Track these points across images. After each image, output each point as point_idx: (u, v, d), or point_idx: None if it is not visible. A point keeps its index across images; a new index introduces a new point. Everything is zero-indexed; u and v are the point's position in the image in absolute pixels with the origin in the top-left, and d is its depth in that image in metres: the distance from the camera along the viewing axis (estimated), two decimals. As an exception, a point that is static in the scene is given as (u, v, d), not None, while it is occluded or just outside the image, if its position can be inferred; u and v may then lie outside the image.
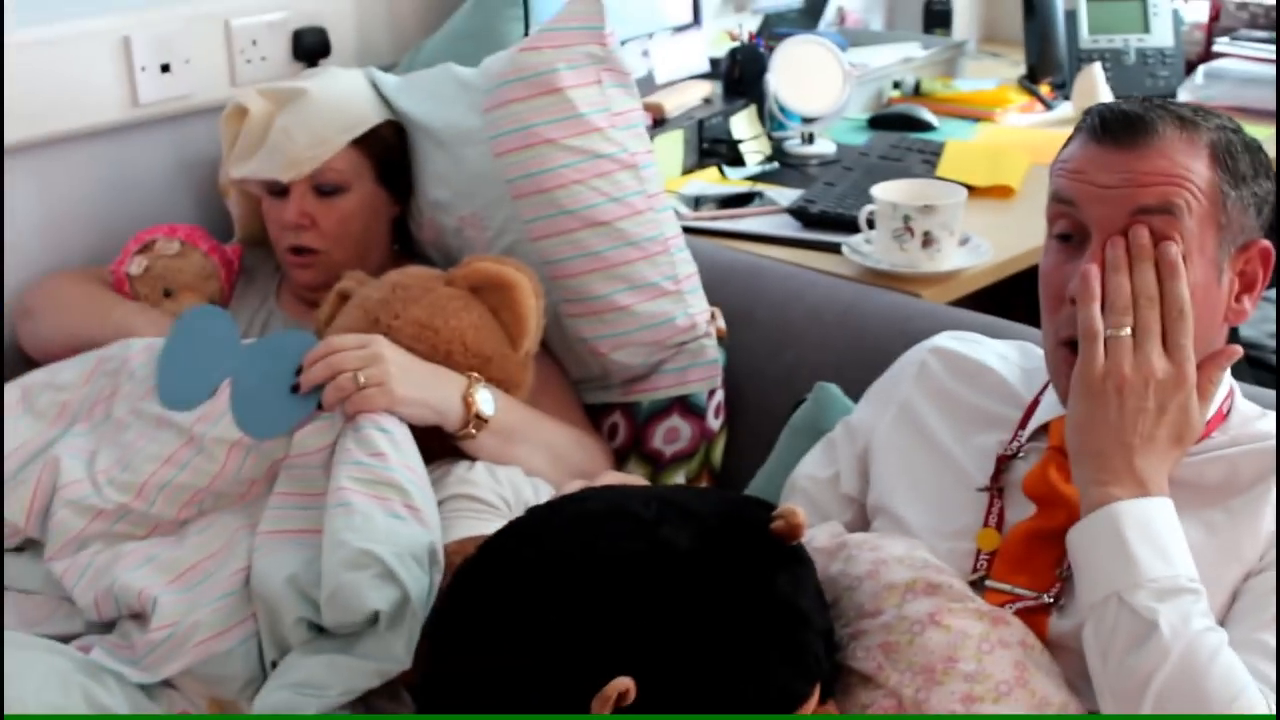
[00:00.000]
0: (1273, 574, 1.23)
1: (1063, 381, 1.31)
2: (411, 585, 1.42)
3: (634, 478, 1.60)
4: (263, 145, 1.90)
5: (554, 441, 1.77)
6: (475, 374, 1.69)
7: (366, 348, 1.61)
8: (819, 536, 1.35)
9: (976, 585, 1.32)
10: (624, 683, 1.05)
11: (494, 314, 1.73)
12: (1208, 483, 1.30)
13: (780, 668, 1.11)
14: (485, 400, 1.67)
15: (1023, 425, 1.41)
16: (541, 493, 1.67)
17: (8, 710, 1.38)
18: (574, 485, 1.43)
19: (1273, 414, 1.37)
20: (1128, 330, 1.23)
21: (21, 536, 1.65)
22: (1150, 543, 1.18)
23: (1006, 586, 1.31)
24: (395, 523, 1.48)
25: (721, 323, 1.94)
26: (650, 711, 1.07)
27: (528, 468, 1.71)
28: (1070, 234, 1.32)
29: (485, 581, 1.16)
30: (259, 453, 1.62)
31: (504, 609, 1.12)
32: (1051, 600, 1.29)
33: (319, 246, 1.91)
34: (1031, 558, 1.32)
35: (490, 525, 1.56)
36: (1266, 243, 1.30)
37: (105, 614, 1.56)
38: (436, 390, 1.65)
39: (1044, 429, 1.39)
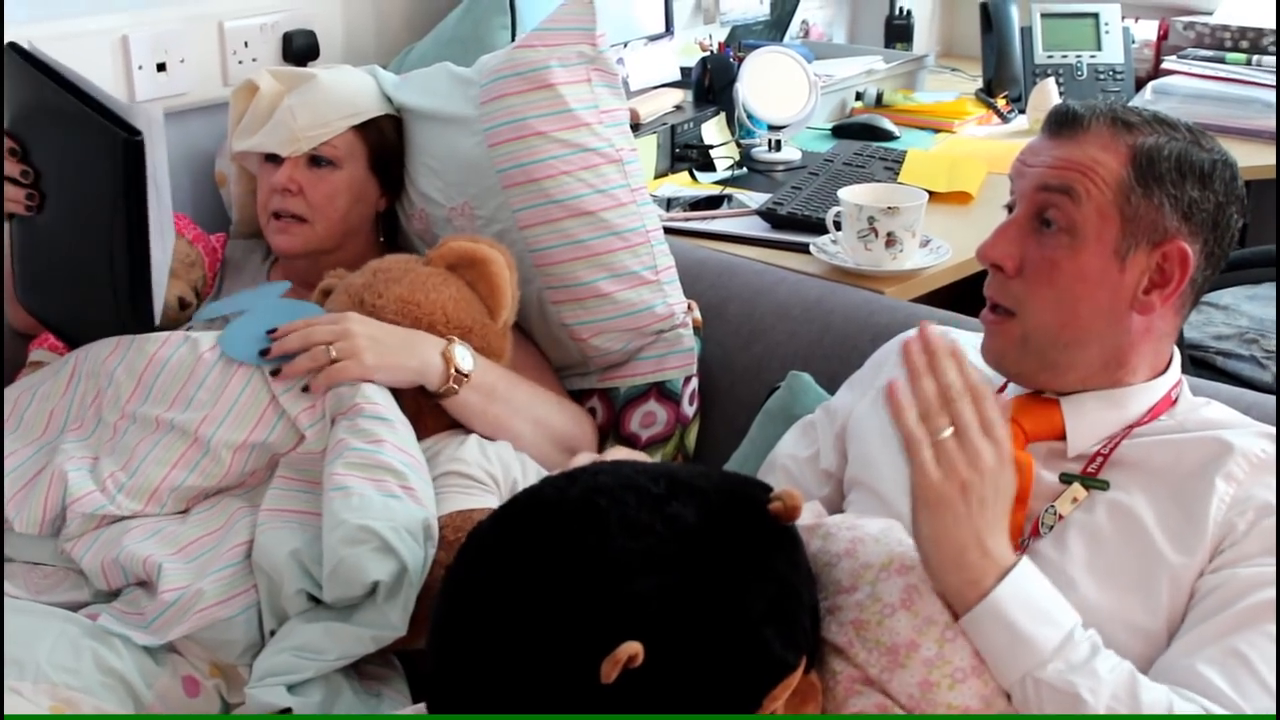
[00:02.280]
0: (1239, 576, 1.28)
1: (986, 339, 1.44)
2: (408, 557, 1.50)
3: (639, 454, 1.65)
4: (268, 122, 1.97)
5: (535, 403, 1.84)
6: (449, 336, 1.76)
7: (338, 323, 1.69)
8: (804, 515, 1.42)
9: None
10: (633, 646, 1.09)
11: (471, 288, 1.81)
12: (1154, 465, 1.38)
13: (775, 639, 1.16)
14: (464, 356, 1.74)
15: None
16: (529, 470, 1.74)
17: (10, 681, 1.44)
18: (583, 458, 1.49)
19: (1215, 404, 1.46)
20: (949, 430, 1.23)
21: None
22: (1035, 614, 1.22)
23: None
24: (391, 501, 1.56)
25: (698, 314, 2.03)
26: (656, 675, 1.11)
27: (511, 430, 1.78)
28: (1011, 206, 1.45)
29: (502, 547, 1.19)
30: (261, 450, 1.67)
31: (519, 574, 1.16)
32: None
33: (302, 214, 1.97)
34: None
35: (479, 500, 1.65)
36: (1183, 245, 1.37)
37: (113, 582, 1.61)
38: (413, 352, 1.72)
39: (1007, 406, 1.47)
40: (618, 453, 1.59)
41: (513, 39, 2.21)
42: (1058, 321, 1.39)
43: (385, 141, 2.03)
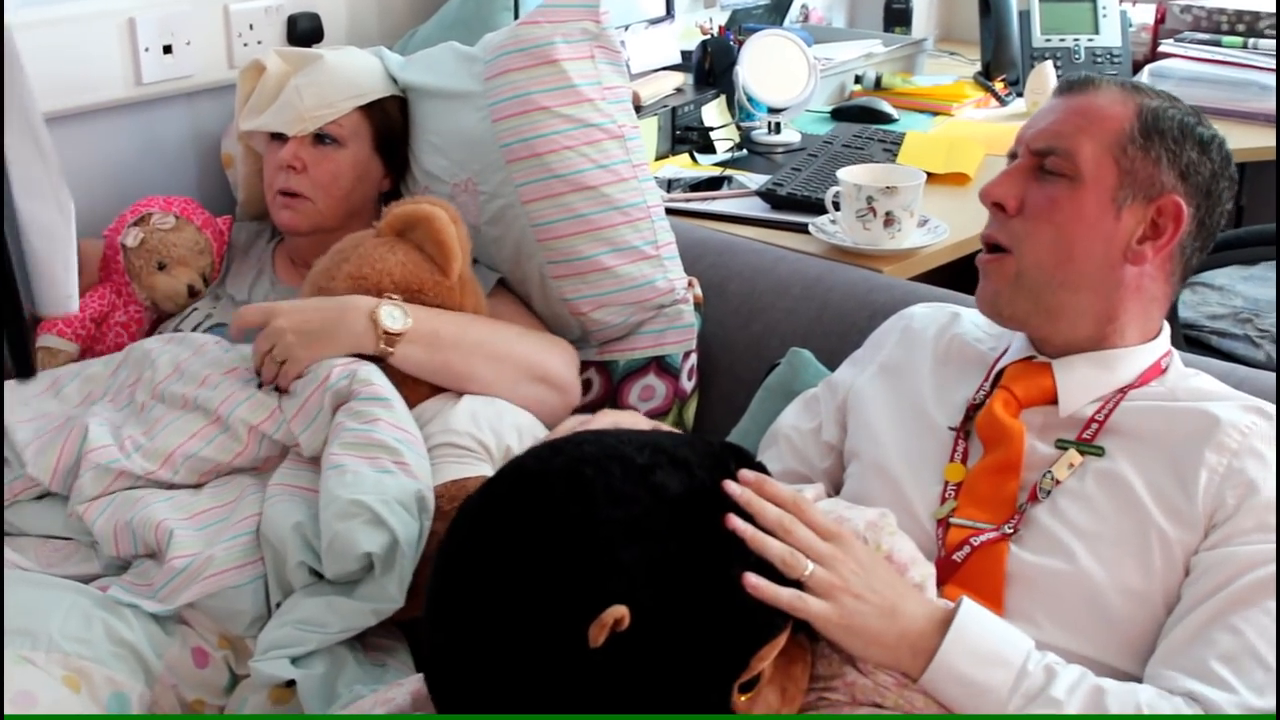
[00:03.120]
0: (1237, 554, 1.30)
1: (981, 282, 1.49)
2: (400, 529, 1.53)
3: (628, 414, 1.68)
4: (275, 102, 1.99)
5: (493, 339, 1.83)
6: (390, 294, 1.77)
7: (269, 326, 1.72)
8: (805, 492, 1.41)
9: (944, 523, 1.43)
10: (619, 610, 1.12)
11: (420, 249, 1.81)
12: (1147, 432, 1.41)
13: (762, 603, 1.19)
14: (390, 315, 1.74)
15: (987, 378, 1.52)
16: (524, 435, 1.76)
17: (10, 652, 1.46)
18: (571, 423, 1.51)
19: (1205, 375, 1.49)
20: (811, 565, 1.24)
21: (42, 490, 1.72)
22: (982, 659, 1.25)
23: (970, 523, 1.42)
24: (384, 476, 1.59)
25: (699, 290, 2.05)
26: (644, 639, 1.13)
27: (470, 374, 1.79)
28: (1014, 154, 1.49)
29: (490, 520, 1.21)
30: (278, 436, 1.72)
31: (507, 545, 1.17)
32: (1011, 531, 1.39)
33: (306, 192, 1.99)
34: (991, 493, 1.43)
35: (472, 469, 1.67)
36: (1178, 199, 1.42)
37: (123, 548, 1.64)
38: (339, 328, 1.73)
39: (1001, 374, 1.51)
40: (606, 417, 1.61)
41: (516, 19, 2.22)
42: (1052, 260, 1.43)
43: (390, 122, 2.05)
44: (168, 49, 2.18)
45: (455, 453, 1.70)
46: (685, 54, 2.92)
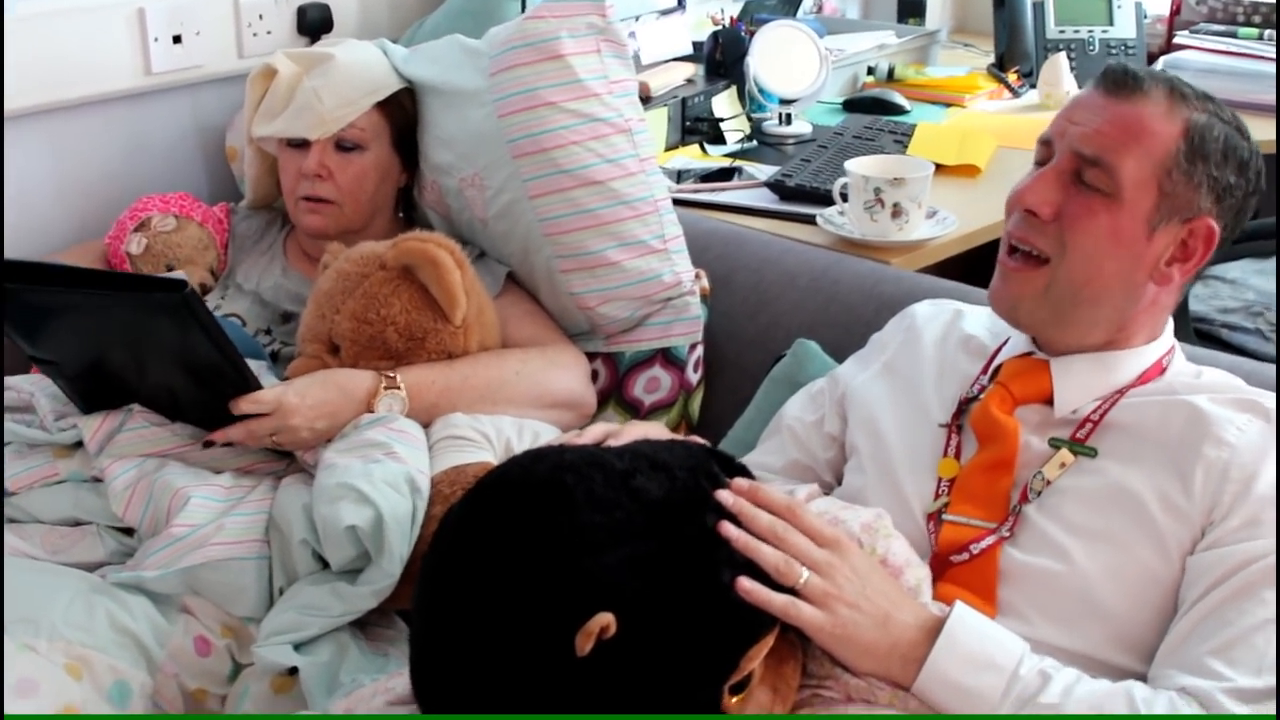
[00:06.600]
0: (1233, 553, 1.29)
1: (999, 284, 1.45)
2: (384, 504, 1.55)
3: (654, 427, 1.65)
4: (289, 105, 1.97)
5: (494, 386, 1.83)
6: (388, 374, 1.76)
7: (272, 416, 1.69)
8: (798, 493, 1.43)
9: (937, 518, 1.43)
10: (605, 618, 1.12)
11: (425, 291, 1.79)
12: (1141, 429, 1.39)
13: (744, 603, 1.19)
14: (386, 406, 1.75)
15: (984, 371, 1.52)
16: (524, 429, 1.78)
17: (12, 640, 1.47)
18: (596, 431, 1.50)
19: (1210, 371, 1.47)
20: (806, 572, 1.24)
21: (59, 477, 1.73)
22: (974, 665, 1.24)
23: (963, 519, 1.41)
24: (372, 465, 1.61)
25: (705, 282, 2.05)
26: (632, 644, 1.13)
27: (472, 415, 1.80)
28: (1043, 160, 1.45)
29: (473, 528, 1.22)
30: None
31: (491, 554, 1.18)
32: (1008, 534, 1.38)
33: (332, 198, 1.98)
34: (984, 489, 1.42)
35: (472, 456, 1.70)
36: (1211, 223, 1.39)
37: (132, 511, 1.66)
38: (341, 417, 1.73)
39: (998, 370, 1.49)
40: (635, 429, 1.55)
41: (522, 11, 2.22)
42: (1084, 275, 1.40)
43: (406, 116, 2.05)
44: (177, 39, 2.19)
45: (456, 443, 1.73)
46: (696, 45, 2.92)
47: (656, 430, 1.59)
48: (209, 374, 1.65)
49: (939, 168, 2.29)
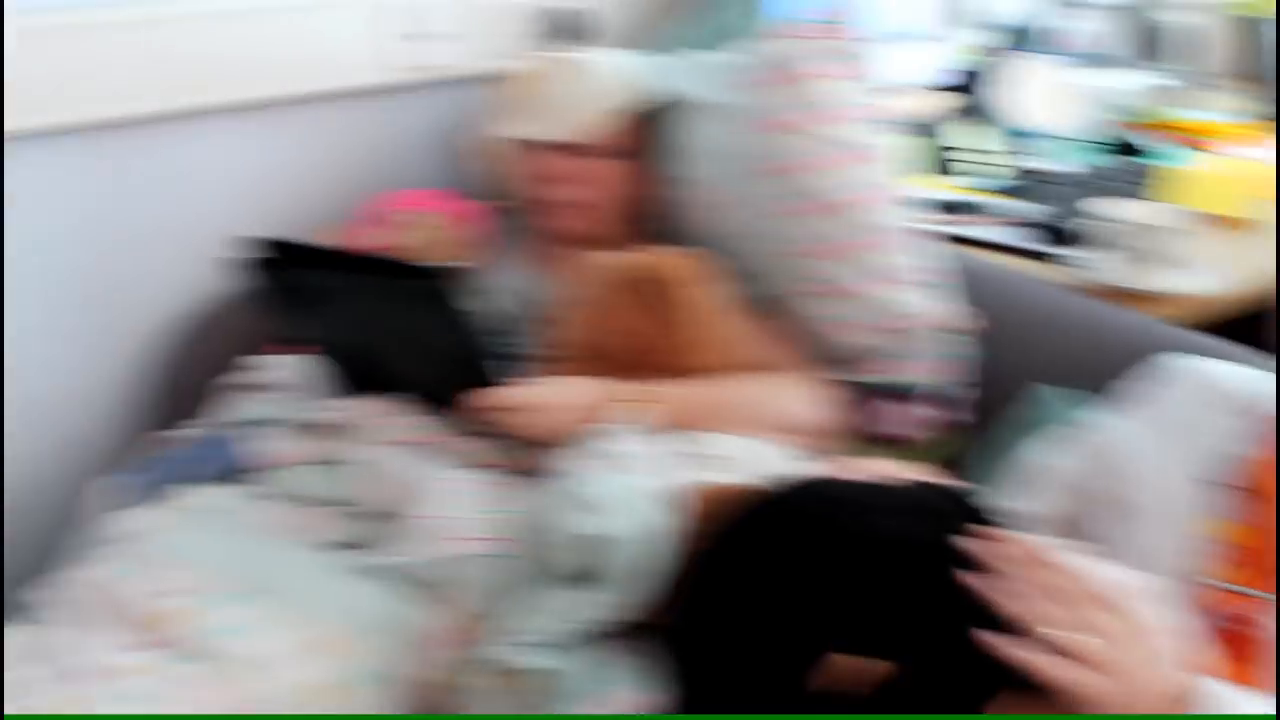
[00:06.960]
0: None
1: None
2: (633, 518, 1.50)
3: (906, 465, 1.57)
4: (542, 108, 2.00)
5: (733, 403, 1.81)
6: (632, 386, 1.75)
7: (520, 414, 1.72)
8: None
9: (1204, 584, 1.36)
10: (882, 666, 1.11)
11: (664, 307, 1.79)
12: None
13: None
14: (631, 418, 1.72)
15: (1260, 429, 1.44)
16: (768, 453, 1.73)
17: (256, 612, 1.50)
18: (835, 464, 1.48)
19: None
20: (1051, 628, 1.14)
21: (315, 457, 1.77)
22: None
23: (1243, 589, 1.35)
24: (620, 476, 1.57)
25: (956, 320, 1.98)
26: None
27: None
28: None
29: (746, 546, 1.24)
30: None
31: (746, 573, 1.21)
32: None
33: (578, 203, 2.00)
34: (1269, 556, 1.35)
35: (722, 475, 1.62)
36: None
37: (384, 494, 1.68)
38: (586, 424, 1.70)
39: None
40: (875, 466, 1.52)
41: (767, 34, 2.19)
42: None
43: (653, 127, 2.05)
44: (418, 37, 2.20)
45: (704, 460, 1.70)
46: (949, 74, 2.86)
47: (909, 469, 1.55)
48: (458, 365, 1.69)
49: (1198, 216, 2.18)
